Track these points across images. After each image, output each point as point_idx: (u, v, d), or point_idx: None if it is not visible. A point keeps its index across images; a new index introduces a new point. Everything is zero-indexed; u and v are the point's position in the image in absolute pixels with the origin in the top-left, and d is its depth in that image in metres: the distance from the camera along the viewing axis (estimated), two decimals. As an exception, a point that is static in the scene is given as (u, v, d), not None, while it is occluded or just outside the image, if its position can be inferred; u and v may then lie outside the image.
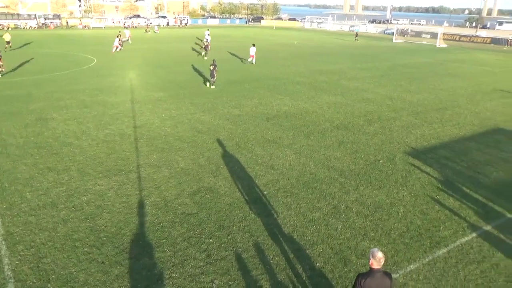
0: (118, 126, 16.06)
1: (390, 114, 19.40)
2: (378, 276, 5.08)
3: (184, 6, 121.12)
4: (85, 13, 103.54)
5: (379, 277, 5.08)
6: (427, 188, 11.61)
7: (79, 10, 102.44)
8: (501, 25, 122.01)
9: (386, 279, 5.13)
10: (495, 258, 8.45)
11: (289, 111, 19.13)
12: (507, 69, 37.43)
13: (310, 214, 9.93)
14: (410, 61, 40.12)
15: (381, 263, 5.11)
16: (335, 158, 13.55)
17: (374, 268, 5.11)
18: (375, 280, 5.06)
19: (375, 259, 5.07)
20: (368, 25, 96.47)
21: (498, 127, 17.98)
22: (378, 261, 5.08)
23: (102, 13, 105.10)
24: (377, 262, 5.08)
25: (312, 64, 35.46)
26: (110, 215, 9.54)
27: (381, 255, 5.10)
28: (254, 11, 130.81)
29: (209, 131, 15.85)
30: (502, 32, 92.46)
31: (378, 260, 5.07)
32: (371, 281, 5.07)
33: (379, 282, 5.07)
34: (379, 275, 5.09)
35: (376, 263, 5.09)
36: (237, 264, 7.98)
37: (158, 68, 30.38)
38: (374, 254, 5.08)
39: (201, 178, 11.64)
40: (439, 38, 61.95)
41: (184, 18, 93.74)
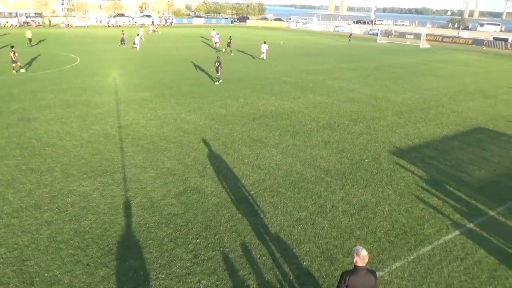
0: (103, 126, 15.86)
1: (375, 113, 19.61)
2: (363, 273, 5.15)
3: (169, 5, 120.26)
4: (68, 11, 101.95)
5: (363, 274, 5.15)
6: (412, 186, 11.77)
7: (62, 8, 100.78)
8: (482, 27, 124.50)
9: (370, 276, 5.19)
10: (478, 255, 8.61)
11: (275, 111, 19.17)
12: (488, 69, 38.19)
13: (297, 213, 9.97)
14: (395, 61, 40.62)
15: (365, 261, 5.17)
16: (321, 157, 13.63)
17: (359, 266, 5.17)
18: (360, 278, 5.13)
19: (359, 257, 5.13)
20: (353, 26, 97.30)
21: (480, 126, 18.33)
22: (362, 259, 5.14)
23: (85, 12, 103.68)
24: (361, 260, 5.14)
25: (298, 64, 35.60)
26: (95, 216, 9.42)
27: (365, 253, 5.15)
28: (240, 11, 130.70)
29: (195, 131, 15.78)
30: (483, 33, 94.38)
31: (362, 258, 5.13)
32: (356, 278, 5.13)
33: (364, 280, 5.14)
34: (364, 273, 5.15)
35: (361, 261, 5.15)
36: (224, 264, 7.96)
37: (142, 68, 30.10)
38: (359, 252, 5.14)
39: (188, 178, 11.58)
40: (423, 38, 62.94)
41: (169, 17, 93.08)
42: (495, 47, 64.35)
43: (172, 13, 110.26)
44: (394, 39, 71.82)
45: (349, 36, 66.25)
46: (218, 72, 25.07)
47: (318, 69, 32.91)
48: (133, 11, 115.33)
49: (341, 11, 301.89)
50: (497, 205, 10.83)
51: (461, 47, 62.85)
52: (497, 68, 39.68)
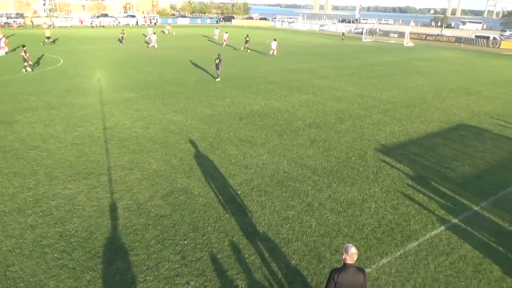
0: (87, 128, 15.66)
1: (361, 112, 19.77)
2: (352, 271, 5.19)
3: (154, 5, 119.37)
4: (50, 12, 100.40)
5: (352, 272, 5.19)
6: (398, 183, 11.89)
7: (44, 9, 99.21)
8: (465, 25, 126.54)
9: (359, 274, 5.23)
10: (463, 249, 8.75)
11: (261, 110, 19.17)
12: (470, 66, 38.84)
13: (285, 212, 9.99)
14: (379, 60, 41.01)
15: (354, 258, 5.21)
16: (308, 156, 13.68)
17: (348, 263, 5.21)
18: (348, 275, 5.17)
19: (348, 254, 5.17)
20: (338, 25, 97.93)
21: (463, 123, 18.63)
22: (351, 256, 5.18)
23: (68, 12, 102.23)
24: (350, 257, 5.18)
25: (283, 63, 35.68)
26: (80, 219, 9.29)
27: (354, 250, 5.19)
28: (225, 11, 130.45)
29: (182, 131, 15.69)
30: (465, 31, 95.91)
31: (351, 255, 5.17)
32: (344, 275, 5.17)
33: (352, 277, 5.17)
34: (352, 270, 5.19)
35: (349, 258, 5.19)
36: (212, 264, 7.93)
37: (126, 68, 29.81)
38: (347, 249, 5.18)
39: (174, 179, 11.50)
40: (407, 37, 63.65)
41: (153, 18, 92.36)
42: (477, 44, 65.47)
43: (157, 13, 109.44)
44: (378, 38, 72.52)
45: (342, 35, 67.23)
46: (218, 69, 26.04)
47: (304, 68, 33.03)
48: (117, 11, 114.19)
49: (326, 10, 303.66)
50: (481, 200, 11.01)
51: (444, 45, 63.81)
52: (479, 65, 40.38)
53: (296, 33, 78.04)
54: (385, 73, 32.31)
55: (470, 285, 7.61)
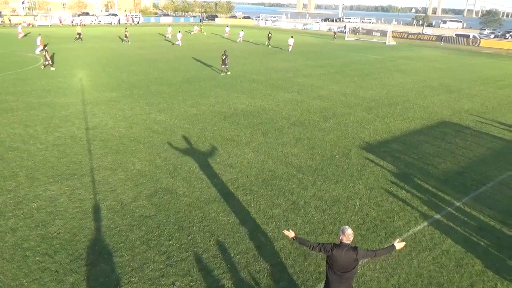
0: (69, 129, 15.40)
1: (345, 110, 19.92)
2: (345, 248, 5.76)
3: (136, 4, 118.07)
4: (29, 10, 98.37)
5: (345, 249, 5.75)
6: (381, 180, 12.03)
7: (23, 7, 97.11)
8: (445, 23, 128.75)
9: (351, 252, 5.75)
10: (446, 244, 8.90)
11: (246, 109, 19.16)
12: (451, 64, 39.52)
13: (270, 210, 10.00)
14: (362, 58, 41.40)
15: (350, 239, 5.79)
16: (292, 154, 13.73)
17: (343, 242, 5.79)
18: (342, 252, 5.75)
19: (345, 235, 5.76)
20: (321, 23, 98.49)
21: (444, 120, 18.95)
22: (347, 237, 5.76)
23: (47, 10, 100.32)
24: (346, 238, 5.76)
25: (267, 61, 35.71)
26: (63, 221, 9.13)
27: (350, 231, 5.78)
28: (208, 9, 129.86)
29: (166, 131, 15.57)
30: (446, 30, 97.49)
31: (347, 236, 5.75)
32: (338, 252, 5.78)
33: (345, 254, 5.74)
34: (346, 248, 5.75)
35: (346, 239, 5.77)
36: (198, 264, 7.90)
37: (108, 67, 29.42)
38: (344, 231, 5.78)
39: (159, 179, 11.41)
40: (389, 35, 64.48)
41: (136, 16, 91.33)
42: (458, 43, 66.66)
43: (139, 12, 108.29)
44: (361, 37, 73.20)
45: (334, 35, 67.29)
46: (225, 65, 27.86)
47: (287, 67, 33.11)
48: (98, 10, 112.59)
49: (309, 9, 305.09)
50: (462, 196, 11.22)
51: (426, 44, 64.78)
52: (459, 63, 41.12)
53: (279, 32, 78.07)
54: (368, 72, 32.64)
55: (452, 280, 7.75)
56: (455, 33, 74.63)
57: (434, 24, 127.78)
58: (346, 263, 5.75)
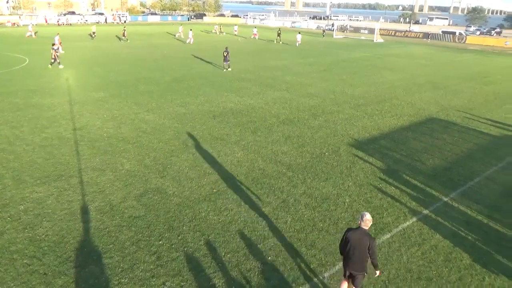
0: (56, 129, 15.21)
1: (334, 107, 20.01)
2: (361, 232, 6.24)
3: (123, 3, 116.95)
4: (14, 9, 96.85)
5: (361, 232, 6.24)
6: (370, 177, 12.11)
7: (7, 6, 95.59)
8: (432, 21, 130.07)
9: (365, 237, 6.20)
10: (434, 239, 9.00)
11: (235, 108, 19.12)
12: (437, 61, 39.94)
13: (260, 209, 10.00)
14: (351, 56, 41.61)
15: (368, 224, 6.24)
16: (282, 152, 13.75)
17: (361, 227, 6.27)
18: (357, 234, 6.25)
19: (363, 220, 6.25)
20: (309, 21, 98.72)
21: (432, 116, 19.14)
22: (365, 222, 6.23)
23: (33, 10, 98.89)
24: (364, 223, 6.24)
25: (256, 60, 35.68)
26: (51, 223, 9.02)
27: (369, 217, 6.25)
28: (196, 8, 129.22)
29: (154, 131, 15.47)
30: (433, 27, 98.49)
31: (365, 221, 6.23)
32: (353, 233, 6.30)
33: (359, 236, 6.22)
34: (362, 232, 6.24)
35: (364, 224, 6.25)
36: (188, 264, 7.87)
37: (96, 67, 29.12)
38: (363, 216, 6.26)
39: (148, 179, 11.33)
40: (376, 33, 64.89)
41: (123, 15, 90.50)
42: (444, 40, 67.37)
43: (126, 11, 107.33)
44: (349, 34, 73.54)
45: (323, 32, 68.02)
46: (226, 61, 28.84)
47: (276, 65, 33.14)
48: (85, 9, 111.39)
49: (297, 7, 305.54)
50: (450, 191, 11.36)
51: (413, 41, 65.34)
52: (446, 60, 41.57)
53: (268, 30, 78.08)
54: (356, 69, 32.82)
55: (441, 274, 7.85)
56: (441, 30, 75.45)
57: (421, 21, 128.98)
58: (357, 245, 6.21)
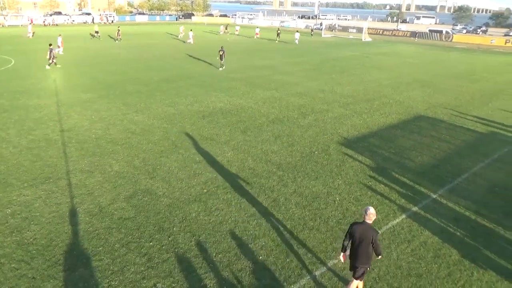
0: (43, 131, 15.02)
1: (323, 106, 20.08)
2: (365, 226, 6.44)
3: (110, 3, 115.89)
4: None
5: (365, 226, 6.43)
6: (360, 175, 12.18)
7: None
8: (419, 19, 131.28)
9: (370, 230, 6.40)
10: (423, 236, 9.09)
11: (224, 108, 19.09)
12: (425, 60, 40.34)
13: (251, 208, 10.00)
14: (339, 55, 41.81)
15: (372, 218, 6.43)
16: (272, 152, 13.76)
17: (365, 221, 6.46)
18: (361, 227, 6.44)
19: (367, 214, 6.42)
20: (298, 21, 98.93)
21: (419, 114, 19.33)
22: (368, 216, 6.42)
23: (18, 10, 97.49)
24: (368, 217, 6.43)
25: (245, 60, 35.65)
26: (39, 226, 8.91)
27: (372, 211, 6.44)
28: (184, 7, 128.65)
29: (143, 131, 15.36)
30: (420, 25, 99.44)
31: (369, 215, 6.41)
32: (357, 226, 6.49)
33: (363, 230, 6.40)
34: (366, 226, 6.43)
35: (367, 218, 6.44)
36: (179, 265, 7.83)
37: (83, 68, 28.81)
38: (366, 210, 6.44)
39: (138, 181, 11.25)
40: (365, 32, 65.28)
41: (110, 15, 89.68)
42: (431, 38, 68.07)
43: (114, 11, 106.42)
44: (338, 33, 73.87)
45: (311, 31, 68.23)
46: (221, 60, 29.57)
47: (265, 65, 33.15)
48: (71, 9, 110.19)
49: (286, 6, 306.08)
50: (438, 188, 11.48)
51: (401, 40, 65.91)
52: (433, 58, 42.01)
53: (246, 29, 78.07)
54: (345, 68, 32.98)
55: (431, 270, 7.93)
56: (428, 29, 76.20)
57: (408, 20, 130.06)
58: (361, 238, 6.37)
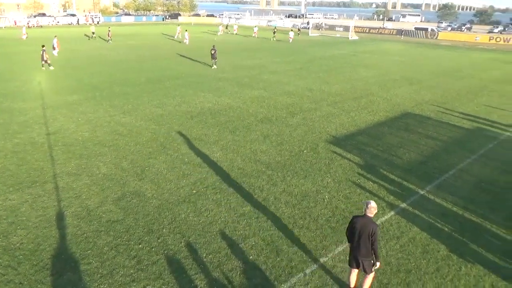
0: (29, 134, 14.80)
1: (311, 105, 20.14)
2: (366, 219, 6.54)
3: (95, 3, 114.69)
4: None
5: (365, 219, 6.53)
6: (349, 173, 12.24)
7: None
8: (405, 18, 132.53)
9: (370, 223, 6.49)
10: (412, 232, 9.17)
11: (213, 108, 19.03)
12: (411, 57, 40.73)
13: (241, 208, 9.98)
14: (327, 54, 41.98)
15: (373, 212, 6.52)
16: (261, 151, 13.75)
17: (366, 214, 6.56)
18: (361, 220, 6.57)
19: (368, 208, 6.51)
20: (285, 20, 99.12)
21: (407, 111, 19.51)
22: (369, 209, 6.51)
23: (1, 12, 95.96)
24: (369, 211, 6.52)
25: (233, 59, 35.58)
26: (25, 231, 8.77)
27: (373, 205, 6.53)
28: (171, 8, 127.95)
29: (131, 133, 15.23)
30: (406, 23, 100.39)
31: (370, 208, 6.51)
32: (358, 219, 6.64)
33: (364, 222, 6.51)
34: (367, 219, 6.53)
35: (368, 211, 6.53)
36: (169, 267, 7.78)
37: (68, 70, 28.47)
38: (367, 204, 6.54)
39: (126, 183, 11.15)
40: (351, 30, 65.67)
41: (96, 16, 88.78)
42: (417, 36, 68.75)
43: (99, 12, 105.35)
44: (325, 32, 74.20)
45: (298, 31, 68.26)
46: (214, 59, 29.98)
47: (253, 64, 33.15)
48: (56, 10, 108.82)
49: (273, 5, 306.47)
50: (426, 184, 11.60)
51: (387, 38, 66.44)
52: (419, 56, 42.44)
53: (243, 29, 78.05)
54: (332, 67, 33.14)
55: (420, 265, 8.00)
56: (414, 26, 76.92)
57: (394, 18, 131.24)
58: (362, 232, 6.46)
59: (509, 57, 44.12)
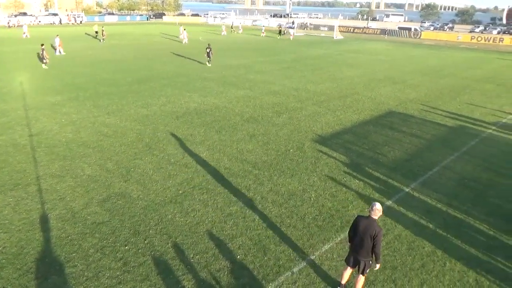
0: (10, 136, 14.52)
1: (297, 104, 20.22)
2: (370, 220, 6.53)
3: (78, 3, 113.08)
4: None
5: (369, 221, 6.53)
6: (335, 172, 12.33)
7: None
8: (388, 17, 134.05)
9: (373, 225, 6.47)
10: (397, 229, 9.28)
11: (199, 108, 18.95)
12: (395, 57, 41.21)
13: (228, 208, 9.97)
14: (312, 53, 42.20)
15: (377, 214, 6.52)
16: (247, 151, 13.75)
17: (370, 216, 6.56)
18: (365, 221, 6.58)
19: (373, 210, 6.52)
20: (270, 19, 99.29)
21: (391, 110, 19.74)
22: (374, 211, 6.51)
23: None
24: (373, 212, 6.52)
25: (218, 59, 35.44)
26: (8, 234, 8.60)
27: (379, 207, 6.52)
28: (155, 7, 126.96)
29: (116, 134, 15.07)
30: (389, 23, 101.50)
31: (374, 210, 6.51)
32: (361, 220, 6.65)
33: (366, 224, 6.52)
34: (371, 220, 6.51)
35: (373, 213, 6.52)
36: (156, 268, 7.72)
37: (51, 70, 28.02)
38: (372, 206, 6.54)
39: (111, 184, 11.02)
40: (336, 30, 66.16)
41: (79, 16, 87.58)
42: (400, 36, 69.59)
43: (82, 11, 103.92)
44: (310, 32, 74.57)
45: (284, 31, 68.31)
46: (209, 57, 31.01)
47: (239, 64, 33.12)
48: (37, 10, 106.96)
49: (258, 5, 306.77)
50: (411, 181, 11.75)
51: (371, 37, 67.09)
52: (403, 55, 42.96)
53: (228, 28, 77.92)
54: (318, 66, 33.32)
55: (405, 262, 8.10)
56: (398, 26, 77.87)
57: (378, 18, 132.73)
58: (364, 233, 6.48)
59: (490, 56, 45.02)
